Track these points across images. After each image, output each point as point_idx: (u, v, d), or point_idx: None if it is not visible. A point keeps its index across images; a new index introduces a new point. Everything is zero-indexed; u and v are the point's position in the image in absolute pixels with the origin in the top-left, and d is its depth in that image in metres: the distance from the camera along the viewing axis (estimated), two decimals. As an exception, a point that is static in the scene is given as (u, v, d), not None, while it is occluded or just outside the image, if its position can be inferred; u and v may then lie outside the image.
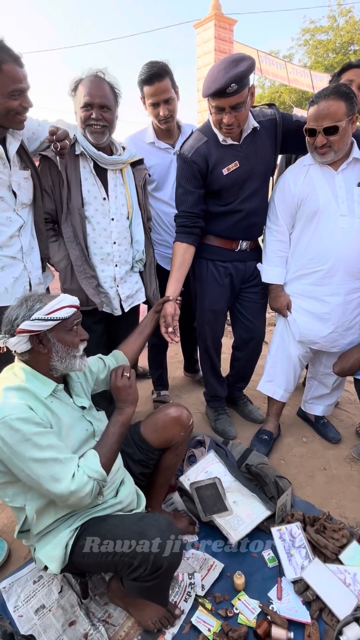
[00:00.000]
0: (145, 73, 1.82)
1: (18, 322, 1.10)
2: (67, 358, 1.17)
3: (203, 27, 6.76)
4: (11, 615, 1.29)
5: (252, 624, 1.25)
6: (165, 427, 1.42)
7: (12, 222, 1.47)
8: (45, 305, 1.13)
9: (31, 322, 1.09)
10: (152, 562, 1.05)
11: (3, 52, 1.29)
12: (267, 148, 1.73)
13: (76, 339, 1.20)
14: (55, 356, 1.16)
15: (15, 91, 1.32)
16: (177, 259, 1.78)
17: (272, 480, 1.71)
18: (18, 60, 1.33)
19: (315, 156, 1.64)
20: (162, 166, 2.00)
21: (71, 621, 1.28)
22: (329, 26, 14.45)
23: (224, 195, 1.76)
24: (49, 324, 1.12)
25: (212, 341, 2.09)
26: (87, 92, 1.51)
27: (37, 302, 1.13)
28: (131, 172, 1.76)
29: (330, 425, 2.18)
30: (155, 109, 1.89)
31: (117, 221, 1.70)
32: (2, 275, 1.48)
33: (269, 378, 2.05)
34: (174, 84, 1.88)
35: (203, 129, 1.73)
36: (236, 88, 1.45)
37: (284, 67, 8.16)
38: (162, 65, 1.81)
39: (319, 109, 1.52)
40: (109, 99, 1.55)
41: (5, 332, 1.12)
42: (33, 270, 1.57)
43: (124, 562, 1.08)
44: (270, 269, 1.87)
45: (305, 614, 1.27)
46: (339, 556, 1.42)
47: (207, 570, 1.41)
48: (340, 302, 1.75)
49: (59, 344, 1.15)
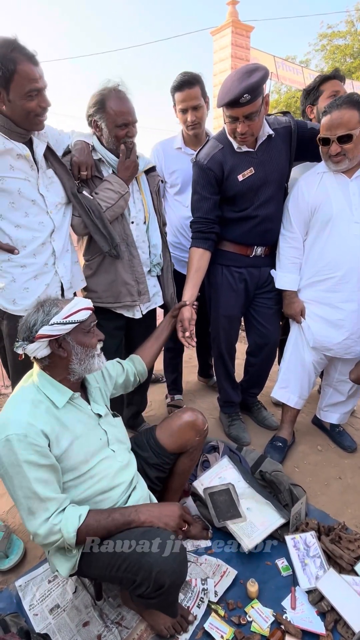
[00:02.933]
0: (177, 80, 1.93)
1: (37, 328, 1.11)
2: (85, 359, 1.18)
3: (220, 34, 6.81)
4: (27, 614, 1.32)
5: (266, 633, 1.24)
6: (181, 432, 1.43)
7: (44, 227, 1.48)
8: (61, 309, 1.13)
9: (50, 327, 1.10)
10: (154, 579, 1.02)
11: (17, 51, 1.25)
12: (282, 155, 1.75)
13: (94, 339, 1.21)
14: (75, 359, 1.17)
15: (32, 91, 1.30)
16: (194, 264, 1.80)
17: (287, 488, 1.69)
18: (33, 59, 1.29)
19: (330, 164, 1.64)
20: (186, 171, 2.04)
21: (85, 622, 1.29)
22: (346, 31, 14.33)
23: (239, 202, 1.78)
24: (68, 327, 1.13)
25: (227, 347, 2.09)
26: (121, 111, 1.55)
27: (54, 307, 1.14)
28: (146, 179, 1.82)
29: (346, 434, 2.15)
30: (184, 115, 1.97)
31: (136, 225, 1.74)
32: (35, 284, 1.49)
33: (283, 384, 2.04)
34: (205, 93, 1.96)
35: (219, 136, 1.76)
36: (249, 98, 1.47)
37: (301, 73, 8.14)
38: (194, 75, 1.91)
39: (332, 119, 1.54)
40: (135, 113, 1.61)
41: (24, 339, 1.13)
42: (65, 274, 1.58)
43: (127, 578, 1.07)
44: (284, 275, 1.87)
45: (319, 624, 1.26)
46: (355, 567, 1.40)
47: (220, 576, 1.41)
48: (354, 308, 1.74)
49: (78, 346, 1.16)
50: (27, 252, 1.45)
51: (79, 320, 1.15)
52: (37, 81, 1.30)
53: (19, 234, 1.43)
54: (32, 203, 1.44)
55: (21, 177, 1.40)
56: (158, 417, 2.41)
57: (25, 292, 1.48)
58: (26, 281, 1.47)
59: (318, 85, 1.97)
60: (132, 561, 1.05)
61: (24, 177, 1.41)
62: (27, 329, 1.12)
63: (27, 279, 1.47)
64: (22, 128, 1.38)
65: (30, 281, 1.48)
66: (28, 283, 1.48)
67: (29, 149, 1.41)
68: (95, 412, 1.27)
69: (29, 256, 1.46)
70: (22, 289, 1.47)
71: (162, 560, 1.03)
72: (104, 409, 1.32)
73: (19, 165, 1.40)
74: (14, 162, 1.38)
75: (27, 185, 1.42)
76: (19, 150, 1.38)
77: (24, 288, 1.47)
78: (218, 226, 1.82)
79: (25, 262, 1.46)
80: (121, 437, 1.34)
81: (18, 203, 1.41)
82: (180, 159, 2.07)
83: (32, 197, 1.43)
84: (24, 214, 1.43)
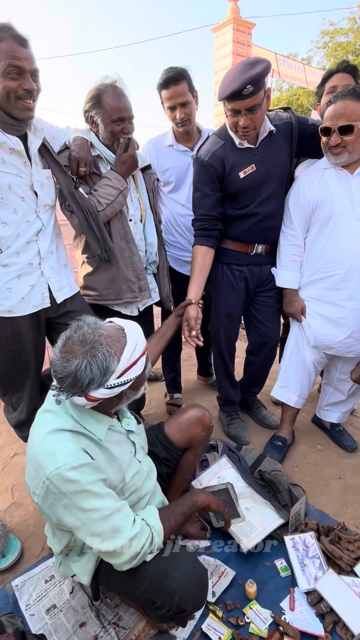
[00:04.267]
0: (162, 78, 1.86)
1: (91, 390, 0.93)
2: (134, 397, 1.07)
3: (221, 30, 6.77)
4: (23, 614, 1.30)
5: (264, 634, 1.23)
6: (190, 427, 1.43)
7: (30, 225, 1.44)
8: (119, 361, 0.94)
9: (107, 390, 0.94)
10: (177, 604, 1.00)
11: (3, 31, 1.21)
12: (284, 151, 1.72)
13: (145, 375, 1.07)
14: (125, 402, 1.06)
15: (11, 67, 1.22)
16: (197, 262, 1.78)
17: (286, 488, 1.68)
18: (19, 39, 1.24)
19: (330, 157, 1.62)
20: (179, 168, 2.01)
21: (82, 622, 1.28)
22: (349, 28, 14.26)
23: (240, 199, 1.76)
24: (127, 386, 0.98)
25: (227, 345, 2.07)
26: (117, 107, 1.54)
27: (110, 359, 0.93)
28: (142, 176, 1.80)
29: (346, 433, 2.14)
30: (172, 112, 1.92)
31: (134, 223, 1.73)
32: (19, 284, 1.44)
33: (282, 384, 2.02)
34: (192, 88, 1.90)
35: (219, 132, 1.73)
36: (252, 90, 1.45)
37: (303, 70, 8.10)
38: (179, 70, 1.84)
39: (335, 109, 1.52)
40: (132, 109, 1.59)
41: (71, 392, 0.94)
42: (52, 275, 1.54)
43: (147, 599, 1.04)
44: (284, 273, 1.85)
45: (318, 626, 1.24)
46: (354, 568, 1.38)
47: (218, 577, 1.40)
48: (356, 306, 1.72)
49: (131, 391, 1.04)
50: (10, 251, 1.41)
51: (138, 375, 0.99)
52: (19, 60, 1.23)
53: (4, 231, 1.39)
54: (22, 200, 1.40)
55: (12, 173, 1.36)
56: (157, 416, 2.39)
57: (8, 292, 1.43)
58: (9, 281, 1.42)
59: (323, 82, 1.91)
60: (153, 583, 1.02)
61: (15, 173, 1.37)
62: (78, 387, 0.92)
63: (9, 278, 1.42)
64: (10, 117, 1.32)
65: (13, 281, 1.43)
66: (11, 283, 1.43)
67: (23, 144, 1.38)
68: (126, 429, 1.18)
69: (11, 255, 1.42)
70: (4, 289, 1.42)
71: (185, 585, 1.01)
72: (133, 421, 1.23)
73: (12, 160, 1.36)
74: (6, 157, 1.35)
75: (18, 181, 1.38)
76: (12, 145, 1.35)
77: (7, 288, 1.43)
78: (221, 223, 1.80)
79: (8, 262, 1.41)
80: (143, 444, 1.30)
81: (7, 199, 1.37)
82: (172, 156, 2.03)
83: (22, 194, 1.40)
84: (13, 211, 1.39)
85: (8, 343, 1.49)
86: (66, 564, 1.19)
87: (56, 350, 0.96)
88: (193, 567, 1.06)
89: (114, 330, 0.99)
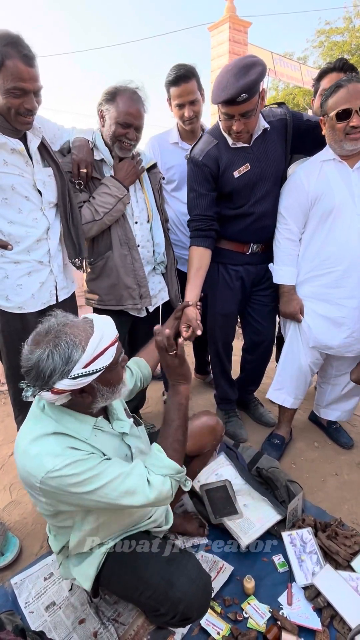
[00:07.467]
0: (173, 75, 1.86)
1: (54, 380, 0.89)
2: (112, 395, 1.03)
3: (218, 29, 6.77)
4: (22, 611, 1.31)
5: (262, 629, 1.24)
6: (202, 434, 1.42)
7: (38, 223, 1.46)
8: (83, 350, 0.90)
9: (72, 380, 0.90)
10: (181, 613, 1.00)
11: (11, 46, 1.22)
12: (278, 149, 1.71)
13: (121, 371, 1.03)
14: (100, 399, 1.01)
15: (15, 89, 1.24)
16: (194, 263, 1.75)
17: (283, 485, 1.69)
18: (27, 58, 1.24)
19: (346, 144, 1.50)
20: (183, 167, 2.01)
21: (81, 619, 1.29)
22: (344, 27, 14.30)
23: (235, 198, 1.75)
24: (93, 377, 0.93)
25: (223, 344, 2.08)
26: (127, 111, 1.52)
27: (73, 348, 0.89)
28: (147, 176, 1.78)
29: (343, 430, 2.15)
30: (181, 110, 1.92)
31: (140, 224, 1.72)
32: (29, 281, 1.48)
33: (278, 386, 2.00)
34: (200, 86, 1.91)
35: (213, 131, 1.71)
36: (246, 97, 1.43)
37: (299, 69, 8.11)
38: (189, 68, 1.85)
39: (350, 89, 1.43)
40: (143, 120, 1.58)
41: (37, 386, 0.92)
42: (59, 274, 1.57)
43: (150, 605, 1.04)
44: (281, 269, 1.81)
45: (316, 620, 1.26)
46: (351, 563, 1.40)
47: (216, 572, 1.41)
48: (356, 305, 1.67)
49: (104, 387, 0.99)
50: (21, 248, 1.44)
51: (106, 365, 0.94)
52: (24, 81, 1.24)
53: (12, 230, 1.41)
54: (26, 199, 1.42)
55: (15, 173, 1.38)
56: (155, 414, 2.40)
57: (18, 289, 1.47)
58: (19, 277, 1.46)
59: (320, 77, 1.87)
60: (157, 590, 1.01)
61: (18, 173, 1.39)
62: (42, 379, 0.89)
63: (20, 275, 1.46)
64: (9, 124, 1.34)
65: (23, 277, 1.47)
66: (21, 280, 1.47)
67: (23, 144, 1.39)
68: (118, 432, 1.13)
69: (22, 252, 1.45)
70: (15, 285, 1.46)
71: (191, 594, 1.00)
72: (127, 423, 1.18)
73: (13, 160, 1.38)
74: (8, 157, 1.36)
75: (21, 181, 1.40)
76: (13, 145, 1.36)
77: (18, 285, 1.46)
78: (217, 223, 1.78)
79: (19, 259, 1.45)
80: (143, 448, 1.23)
81: (11, 199, 1.39)
82: (177, 155, 2.03)
83: (25, 194, 1.41)
84: (18, 210, 1.41)
85: (19, 338, 1.50)
86: (66, 566, 1.19)
87: (25, 345, 0.94)
88: (198, 575, 1.05)
89: (82, 322, 0.96)
